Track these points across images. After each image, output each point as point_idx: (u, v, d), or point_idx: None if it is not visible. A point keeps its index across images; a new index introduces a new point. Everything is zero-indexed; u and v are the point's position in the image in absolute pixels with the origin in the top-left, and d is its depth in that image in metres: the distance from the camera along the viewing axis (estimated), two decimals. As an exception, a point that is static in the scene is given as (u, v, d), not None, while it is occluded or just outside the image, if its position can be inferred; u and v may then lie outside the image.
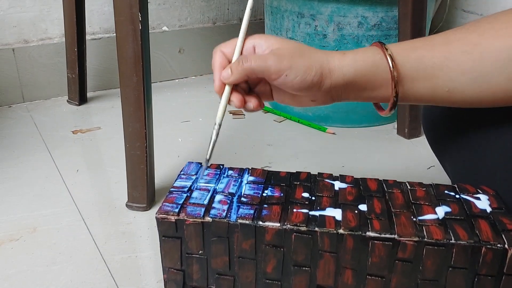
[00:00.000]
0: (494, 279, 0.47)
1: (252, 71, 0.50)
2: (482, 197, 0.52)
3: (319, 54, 0.50)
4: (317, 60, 0.49)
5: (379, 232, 0.47)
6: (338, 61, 0.50)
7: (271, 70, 0.49)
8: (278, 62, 0.48)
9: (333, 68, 0.49)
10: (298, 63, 0.49)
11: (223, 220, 0.49)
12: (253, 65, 0.49)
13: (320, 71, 0.49)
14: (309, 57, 0.49)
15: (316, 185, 0.55)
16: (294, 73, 0.48)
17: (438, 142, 0.70)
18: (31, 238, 0.74)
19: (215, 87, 0.53)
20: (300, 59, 0.49)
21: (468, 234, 0.46)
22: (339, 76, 0.49)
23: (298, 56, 0.49)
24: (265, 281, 0.52)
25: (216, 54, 0.53)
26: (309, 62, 0.49)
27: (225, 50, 0.53)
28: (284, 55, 0.49)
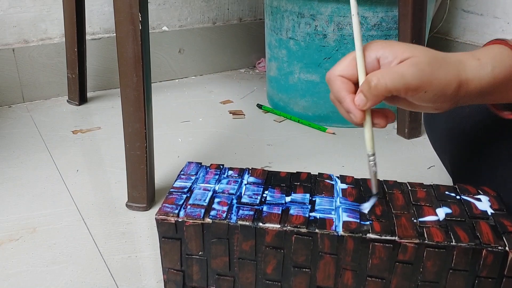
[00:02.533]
0: (495, 282, 0.47)
1: (388, 90, 0.43)
2: (483, 198, 0.52)
3: (454, 62, 0.44)
4: (454, 70, 0.44)
5: (380, 234, 0.47)
6: (475, 70, 0.44)
7: (411, 86, 0.42)
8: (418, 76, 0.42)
9: (471, 78, 0.44)
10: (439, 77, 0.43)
11: (223, 221, 0.49)
12: (388, 84, 0.42)
13: (459, 84, 0.44)
14: (446, 66, 0.43)
15: (317, 185, 0.55)
16: (435, 89, 0.43)
17: (439, 140, 0.70)
18: (31, 238, 0.74)
19: (355, 119, 0.45)
20: (439, 70, 0.43)
21: (469, 236, 0.46)
22: (476, 86, 0.45)
23: (436, 67, 0.43)
24: (265, 282, 0.52)
25: (336, 81, 0.46)
26: (448, 74, 0.43)
27: (344, 73, 0.46)
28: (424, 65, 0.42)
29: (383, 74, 0.43)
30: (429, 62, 0.43)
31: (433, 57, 0.43)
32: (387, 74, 0.42)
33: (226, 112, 1.21)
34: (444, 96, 0.44)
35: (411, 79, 0.42)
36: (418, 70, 0.42)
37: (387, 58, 0.44)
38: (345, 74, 0.45)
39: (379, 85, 0.42)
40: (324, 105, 1.12)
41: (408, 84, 0.42)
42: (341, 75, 0.46)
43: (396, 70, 0.43)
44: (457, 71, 0.44)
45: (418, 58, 0.43)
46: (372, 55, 0.45)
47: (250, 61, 1.57)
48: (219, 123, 1.15)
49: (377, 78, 0.42)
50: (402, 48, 0.44)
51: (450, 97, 0.44)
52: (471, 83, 0.44)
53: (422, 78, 0.42)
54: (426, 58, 0.43)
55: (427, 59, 0.43)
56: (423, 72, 0.42)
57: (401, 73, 0.42)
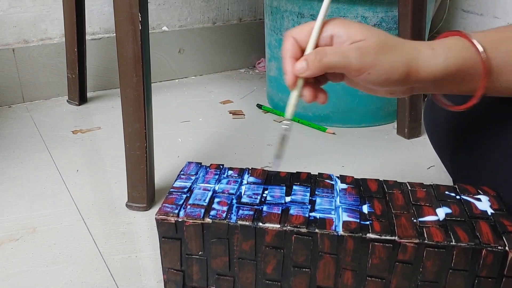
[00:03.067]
0: (494, 281, 0.47)
1: (331, 67, 0.45)
2: (483, 198, 0.52)
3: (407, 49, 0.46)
4: (404, 56, 0.45)
5: (380, 233, 0.47)
6: (427, 58, 0.45)
7: (352, 67, 0.44)
8: (360, 58, 0.44)
9: (422, 66, 0.45)
10: (383, 61, 0.44)
11: (223, 221, 0.49)
12: (331, 61, 0.44)
13: (407, 70, 0.45)
14: (395, 53, 0.45)
15: (316, 185, 0.55)
16: (378, 72, 0.44)
17: (439, 140, 0.70)
18: (31, 238, 0.74)
19: (287, 80, 0.48)
20: (385, 55, 0.44)
21: (469, 236, 0.46)
22: (428, 75, 0.45)
23: (383, 52, 0.44)
24: (265, 282, 0.52)
25: (287, 40, 0.47)
26: (395, 60, 0.45)
27: (298, 37, 0.47)
28: (368, 50, 0.44)
29: (330, 50, 0.45)
30: (377, 47, 0.44)
31: (383, 42, 0.45)
32: (334, 52, 0.45)
33: (226, 112, 1.21)
34: (390, 81, 0.45)
35: (353, 60, 0.44)
36: (361, 54, 0.44)
37: (341, 37, 0.46)
38: (298, 38, 0.47)
39: (324, 59, 0.45)
40: (324, 105, 1.12)
41: (349, 65, 0.44)
42: (294, 37, 0.47)
43: (342, 50, 0.45)
44: (407, 58, 0.45)
45: (366, 42, 0.44)
46: (328, 31, 0.46)
47: (250, 61, 1.57)
48: (219, 123, 1.15)
49: (324, 53, 0.45)
50: (357, 30, 0.45)
51: (397, 81, 0.45)
52: (422, 71, 0.45)
53: (364, 61, 0.44)
54: (375, 43, 0.44)
55: (375, 43, 0.44)
56: (365, 55, 0.44)
57: (345, 54, 0.44)
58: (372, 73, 0.45)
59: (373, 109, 1.13)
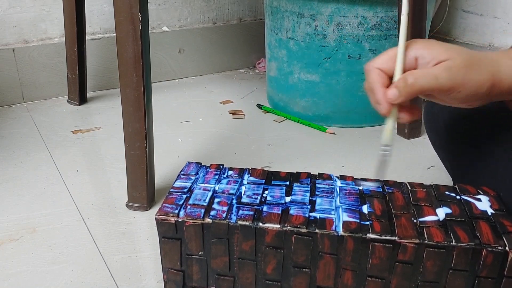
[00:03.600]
0: (495, 282, 0.47)
1: (423, 90, 0.45)
2: (483, 198, 0.52)
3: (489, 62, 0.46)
4: (488, 71, 0.45)
5: (380, 234, 0.47)
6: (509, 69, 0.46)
7: (444, 88, 0.45)
8: (451, 78, 0.44)
9: (504, 78, 0.46)
10: (472, 78, 0.45)
11: (223, 221, 0.49)
12: (423, 84, 0.45)
13: (492, 84, 0.45)
14: (480, 69, 0.45)
15: (316, 185, 0.55)
16: (467, 90, 0.45)
17: (439, 140, 0.70)
18: (31, 238, 0.74)
19: (382, 110, 0.48)
20: (472, 72, 0.45)
21: (469, 236, 0.46)
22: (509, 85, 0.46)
23: (470, 69, 0.45)
24: (265, 282, 0.52)
25: (373, 73, 0.48)
26: (482, 76, 0.45)
27: (381, 66, 0.48)
28: (456, 69, 0.44)
29: (420, 74, 0.45)
30: (464, 65, 0.45)
31: (468, 59, 0.45)
32: (423, 75, 0.45)
33: (226, 112, 1.21)
34: (477, 95, 0.46)
35: (445, 81, 0.44)
36: (452, 73, 0.44)
37: (425, 58, 0.46)
38: (383, 68, 0.48)
39: (415, 84, 0.45)
40: (324, 105, 1.12)
41: (441, 86, 0.45)
42: (379, 67, 0.48)
43: (432, 72, 0.45)
44: (491, 72, 0.45)
45: (453, 61, 0.45)
46: (412, 54, 0.47)
47: (250, 61, 1.57)
48: (219, 123, 1.15)
49: (414, 77, 0.45)
50: (440, 50, 0.46)
51: (483, 95, 0.46)
52: (505, 82, 0.46)
53: (455, 80, 0.44)
54: (461, 61, 0.45)
55: (462, 61, 0.45)
56: (456, 75, 0.44)
57: (435, 75, 0.44)
58: (462, 91, 0.45)
59: (373, 109, 1.13)
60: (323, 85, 1.10)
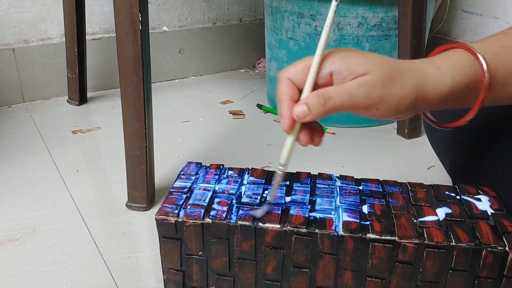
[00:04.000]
0: (495, 282, 0.47)
1: (336, 109, 0.41)
2: (483, 198, 0.52)
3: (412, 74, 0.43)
4: (411, 83, 0.42)
5: (380, 234, 0.47)
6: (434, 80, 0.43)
7: (359, 105, 0.41)
8: (367, 95, 0.41)
9: (430, 89, 0.43)
10: (391, 94, 0.41)
11: (223, 221, 0.49)
12: (337, 103, 0.41)
13: (415, 97, 0.42)
14: (401, 82, 0.42)
15: (316, 185, 0.55)
16: (386, 106, 0.42)
17: (439, 141, 0.70)
18: (31, 238, 0.74)
19: (283, 125, 0.44)
20: (392, 87, 0.41)
21: (469, 236, 0.46)
22: (435, 96, 0.43)
23: (390, 84, 0.41)
24: (265, 282, 0.52)
25: (282, 83, 0.44)
26: (403, 90, 0.42)
27: (293, 77, 0.44)
28: (374, 85, 0.41)
29: (334, 92, 0.41)
30: (382, 80, 0.41)
31: (388, 73, 0.42)
32: (338, 93, 0.41)
33: (226, 112, 1.21)
34: (398, 110, 0.42)
35: (360, 99, 0.41)
36: (367, 90, 0.41)
37: (341, 73, 0.42)
38: (294, 79, 0.44)
39: (329, 102, 0.41)
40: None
41: (356, 104, 0.41)
42: (290, 78, 0.44)
43: (346, 89, 0.41)
44: (415, 84, 0.42)
45: (370, 75, 0.41)
46: (327, 68, 0.43)
47: (250, 61, 1.57)
48: (219, 123, 1.15)
49: (327, 96, 0.41)
50: (358, 63, 0.42)
51: (406, 109, 0.43)
52: (430, 93, 0.43)
53: (371, 97, 0.41)
54: (380, 75, 0.41)
55: (380, 76, 0.41)
56: (373, 91, 0.41)
57: (350, 92, 0.41)
58: (381, 107, 0.42)
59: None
60: (323, 85, 1.10)
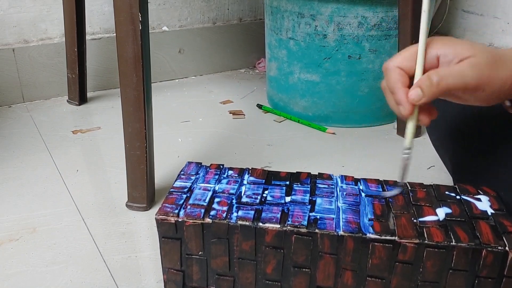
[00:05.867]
0: (495, 282, 0.47)
1: (449, 89, 0.43)
2: (483, 198, 0.52)
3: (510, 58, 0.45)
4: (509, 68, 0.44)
5: (380, 234, 0.47)
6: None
7: (470, 85, 0.43)
8: (477, 76, 0.43)
9: None
10: (497, 76, 0.43)
11: (223, 221, 0.49)
12: (450, 83, 0.43)
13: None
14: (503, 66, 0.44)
15: (317, 185, 0.55)
16: (492, 87, 0.43)
17: (440, 140, 0.69)
18: (31, 238, 0.74)
19: (404, 111, 0.46)
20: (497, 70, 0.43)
21: (469, 236, 0.46)
22: None
23: (495, 66, 0.43)
24: (265, 282, 0.52)
25: (393, 72, 0.46)
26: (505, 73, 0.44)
27: (402, 65, 0.46)
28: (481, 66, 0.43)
29: (445, 72, 0.43)
30: (488, 62, 0.43)
31: (491, 57, 0.44)
32: (449, 73, 0.43)
33: (226, 112, 1.21)
34: (501, 93, 0.44)
35: (471, 79, 0.43)
36: (478, 71, 0.43)
37: (447, 56, 0.44)
38: (403, 66, 0.46)
39: (441, 83, 0.43)
40: (324, 105, 1.12)
41: (467, 84, 0.43)
42: (399, 66, 0.46)
43: (457, 70, 0.43)
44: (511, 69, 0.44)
45: (477, 58, 0.43)
46: (433, 52, 0.45)
47: (250, 61, 1.57)
48: (219, 123, 1.15)
49: (439, 76, 0.43)
50: (463, 47, 0.44)
51: (505, 93, 0.44)
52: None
53: (482, 78, 0.43)
54: (485, 58, 0.43)
55: (486, 59, 0.43)
56: (482, 72, 0.43)
57: (461, 73, 0.43)
58: (487, 89, 0.44)
59: (373, 109, 1.13)
60: (323, 85, 1.10)
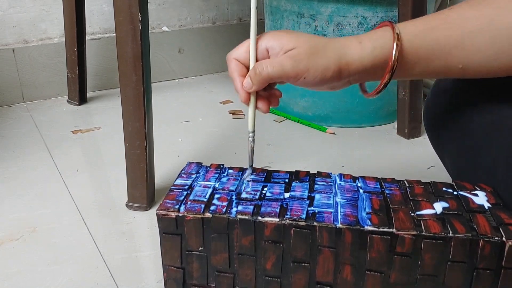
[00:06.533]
0: (493, 273, 0.47)
1: (271, 78, 0.50)
2: (480, 194, 0.53)
3: (335, 47, 0.49)
4: (334, 54, 0.49)
5: (377, 226, 0.47)
6: (355, 52, 0.49)
7: (289, 74, 0.49)
8: (295, 66, 0.48)
9: (351, 60, 0.49)
10: (316, 64, 0.48)
11: (222, 215, 0.49)
12: (270, 72, 0.49)
13: (339, 67, 0.49)
14: (325, 53, 0.49)
15: (315, 183, 0.55)
16: (313, 75, 0.49)
17: (438, 138, 0.70)
18: (31, 237, 0.74)
19: (241, 98, 0.53)
20: (316, 58, 0.48)
21: (466, 228, 0.47)
22: (357, 67, 0.49)
23: (315, 55, 0.49)
24: (265, 279, 0.52)
25: (231, 63, 0.52)
26: (327, 61, 0.49)
27: (238, 57, 0.52)
28: (300, 56, 0.48)
29: (267, 63, 0.49)
30: (308, 52, 0.48)
31: (312, 46, 0.49)
32: (270, 64, 0.49)
33: (226, 112, 1.21)
34: (325, 79, 0.49)
35: (289, 68, 0.48)
36: (295, 61, 0.48)
37: (275, 49, 0.50)
38: (239, 58, 0.52)
39: (263, 73, 0.49)
40: (324, 105, 1.13)
41: (287, 73, 0.49)
42: (236, 58, 0.52)
43: (277, 61, 0.49)
44: (337, 55, 0.49)
45: (298, 49, 0.48)
46: (263, 45, 0.51)
47: (250, 61, 1.57)
48: (219, 123, 1.15)
49: (262, 67, 0.49)
50: (288, 39, 0.49)
51: (331, 79, 0.49)
52: (352, 65, 0.49)
53: (299, 67, 0.48)
54: (306, 49, 0.48)
55: (306, 49, 0.48)
56: (299, 62, 0.48)
57: (281, 63, 0.49)
58: (308, 76, 0.49)
59: (373, 109, 1.14)
60: (322, 84, 1.10)
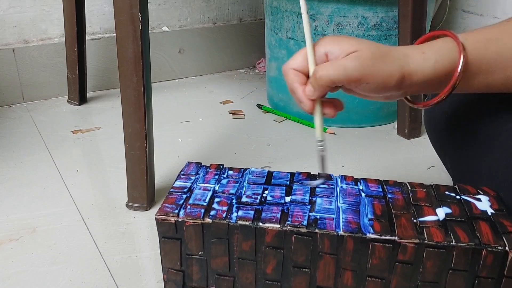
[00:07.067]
0: (495, 282, 0.47)
1: (333, 82, 0.47)
2: (483, 198, 0.52)
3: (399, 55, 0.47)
4: (398, 63, 0.47)
5: (380, 233, 0.47)
6: (418, 63, 0.47)
7: (353, 77, 0.46)
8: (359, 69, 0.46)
9: (414, 70, 0.47)
10: (380, 70, 0.46)
11: (223, 221, 0.49)
12: (331, 75, 0.46)
13: (402, 76, 0.47)
14: (389, 60, 0.46)
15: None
16: (376, 80, 0.46)
17: (439, 140, 0.69)
18: (31, 238, 0.74)
19: (305, 108, 0.50)
20: (380, 64, 0.46)
21: (469, 236, 0.46)
22: (419, 78, 0.47)
23: (379, 60, 0.46)
24: (265, 282, 0.52)
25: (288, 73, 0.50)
26: (391, 68, 0.46)
27: (296, 66, 0.50)
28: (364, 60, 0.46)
29: (327, 66, 0.47)
30: (372, 57, 0.46)
31: (376, 52, 0.46)
32: (331, 67, 0.46)
33: (226, 112, 1.21)
34: (387, 87, 0.47)
35: (352, 71, 0.45)
36: (360, 64, 0.45)
37: (334, 53, 0.48)
38: (297, 67, 0.49)
39: (323, 76, 0.46)
40: (324, 105, 1.12)
41: (349, 76, 0.46)
42: (293, 68, 0.49)
43: (340, 63, 0.46)
44: (400, 65, 0.47)
45: (361, 52, 0.46)
46: (321, 50, 0.48)
47: (250, 61, 1.57)
48: (219, 123, 1.15)
49: (321, 70, 0.47)
50: (349, 43, 0.47)
51: (393, 88, 0.47)
52: (415, 75, 0.47)
53: (363, 71, 0.45)
54: (370, 53, 0.46)
55: (370, 53, 0.46)
56: (364, 65, 0.45)
57: (343, 66, 0.46)
58: (371, 82, 0.46)
59: (373, 109, 1.13)
60: (323, 85, 1.10)
